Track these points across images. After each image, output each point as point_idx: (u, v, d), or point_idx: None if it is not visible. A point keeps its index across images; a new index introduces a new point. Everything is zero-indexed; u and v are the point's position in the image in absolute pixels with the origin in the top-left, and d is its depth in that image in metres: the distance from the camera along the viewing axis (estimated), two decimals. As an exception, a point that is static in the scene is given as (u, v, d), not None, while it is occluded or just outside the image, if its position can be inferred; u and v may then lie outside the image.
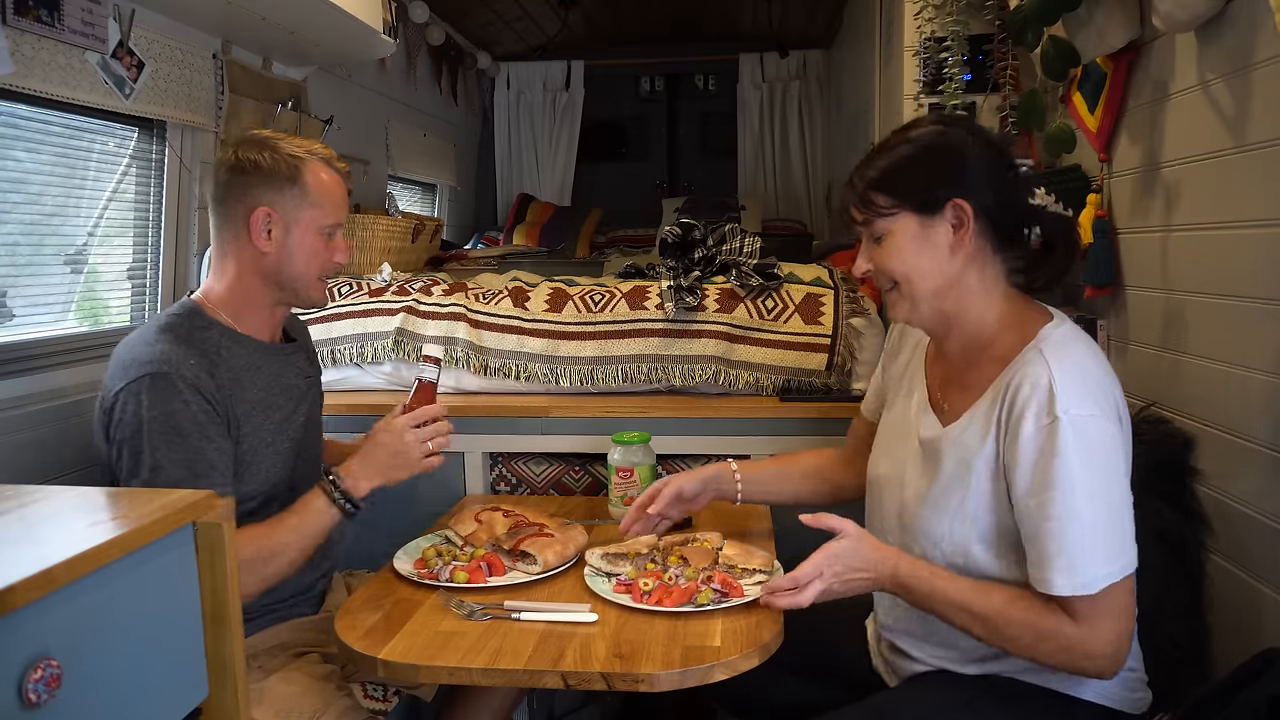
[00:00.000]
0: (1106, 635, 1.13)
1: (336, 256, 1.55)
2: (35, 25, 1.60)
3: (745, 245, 2.23)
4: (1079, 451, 1.12)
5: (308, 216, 1.49)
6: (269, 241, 1.48)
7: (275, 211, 1.47)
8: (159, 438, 1.35)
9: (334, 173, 1.53)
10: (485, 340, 2.14)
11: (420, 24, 3.98)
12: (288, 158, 1.48)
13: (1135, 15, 1.62)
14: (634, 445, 1.77)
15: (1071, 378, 1.15)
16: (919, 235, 1.23)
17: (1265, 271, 1.28)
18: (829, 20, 4.65)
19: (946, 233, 1.23)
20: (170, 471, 1.34)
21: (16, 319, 1.77)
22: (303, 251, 1.50)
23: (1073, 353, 1.19)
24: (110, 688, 0.89)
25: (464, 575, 1.45)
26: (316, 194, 1.49)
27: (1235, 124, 1.36)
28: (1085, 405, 1.13)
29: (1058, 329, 1.22)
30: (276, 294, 1.53)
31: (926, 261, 1.24)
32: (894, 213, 1.24)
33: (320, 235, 1.51)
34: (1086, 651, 1.13)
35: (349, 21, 2.19)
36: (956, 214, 1.22)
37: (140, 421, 1.35)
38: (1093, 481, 1.12)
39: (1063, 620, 1.13)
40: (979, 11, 2.12)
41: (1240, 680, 1.06)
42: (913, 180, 1.24)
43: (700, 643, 1.24)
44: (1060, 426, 1.12)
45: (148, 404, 1.36)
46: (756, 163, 5.44)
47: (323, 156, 1.52)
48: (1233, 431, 1.36)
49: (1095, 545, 1.12)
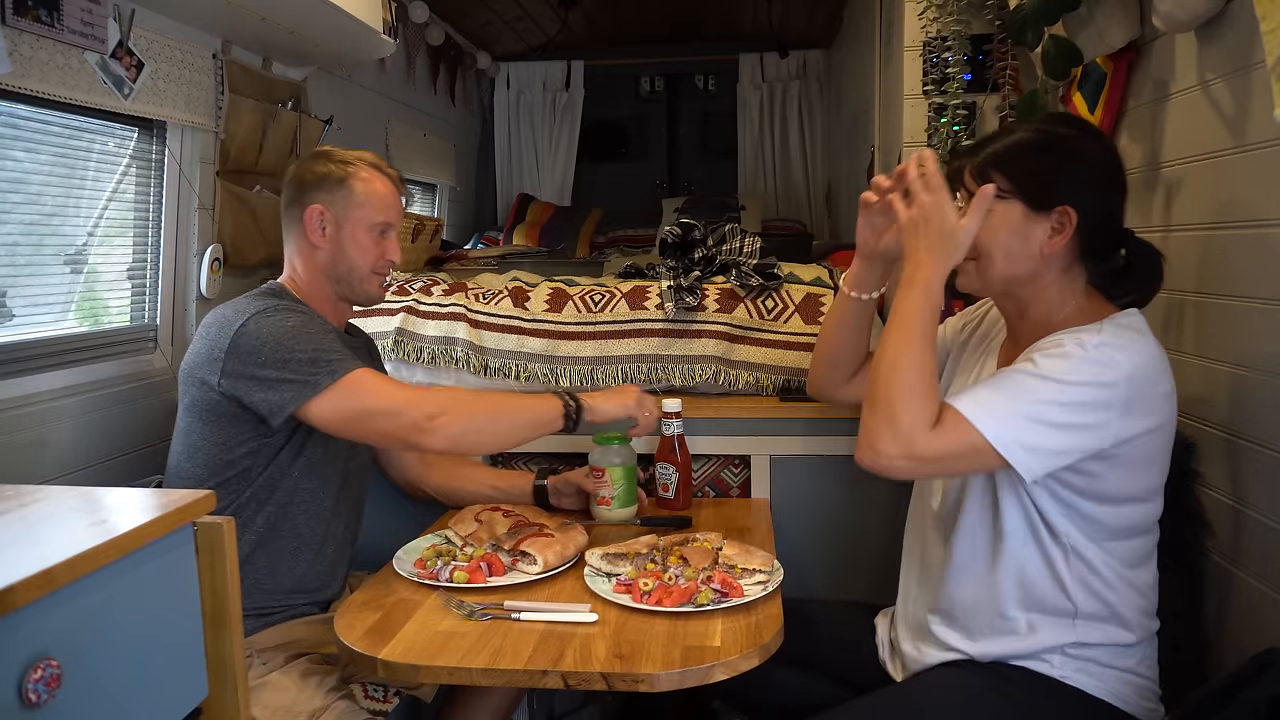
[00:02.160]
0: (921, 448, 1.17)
1: (389, 254, 1.67)
2: (35, 25, 1.59)
3: (745, 245, 2.23)
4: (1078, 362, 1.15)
5: (356, 214, 1.63)
6: (323, 238, 1.63)
7: (327, 210, 1.62)
8: (302, 337, 1.48)
9: (383, 177, 1.67)
10: (485, 340, 2.14)
11: (420, 24, 3.98)
12: (338, 164, 1.65)
13: (1135, 15, 1.62)
14: (608, 446, 1.77)
15: (1119, 336, 1.18)
16: (1019, 225, 1.26)
17: (1265, 271, 1.28)
18: (829, 20, 4.65)
19: (1045, 232, 1.25)
20: (324, 354, 1.47)
21: (16, 319, 1.77)
22: (354, 247, 1.63)
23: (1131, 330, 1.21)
24: (110, 688, 0.89)
25: (464, 575, 1.46)
26: (364, 194, 1.63)
27: (1235, 124, 1.36)
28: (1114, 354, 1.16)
29: (1131, 316, 1.24)
30: (335, 288, 1.66)
31: (1016, 250, 1.26)
32: (1006, 195, 1.26)
33: (370, 232, 1.64)
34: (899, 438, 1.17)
35: (349, 21, 2.19)
36: (1061, 219, 1.24)
37: (279, 335, 1.47)
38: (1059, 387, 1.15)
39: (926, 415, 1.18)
40: (979, 11, 2.12)
41: (1240, 680, 1.06)
42: (1035, 172, 1.26)
43: (700, 643, 1.24)
44: (1069, 341, 1.17)
45: (277, 321, 1.49)
46: (756, 163, 5.44)
47: (371, 162, 1.68)
48: (1233, 432, 1.36)
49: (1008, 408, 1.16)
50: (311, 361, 1.46)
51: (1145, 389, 1.19)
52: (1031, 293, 1.29)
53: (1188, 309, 1.50)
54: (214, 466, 1.53)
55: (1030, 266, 1.27)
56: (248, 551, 1.52)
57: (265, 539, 1.55)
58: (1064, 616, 1.24)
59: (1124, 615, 1.25)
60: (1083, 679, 1.24)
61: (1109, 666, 1.25)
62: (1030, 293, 1.29)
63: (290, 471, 1.56)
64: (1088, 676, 1.24)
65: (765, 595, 1.37)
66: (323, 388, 1.44)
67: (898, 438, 1.18)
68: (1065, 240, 1.25)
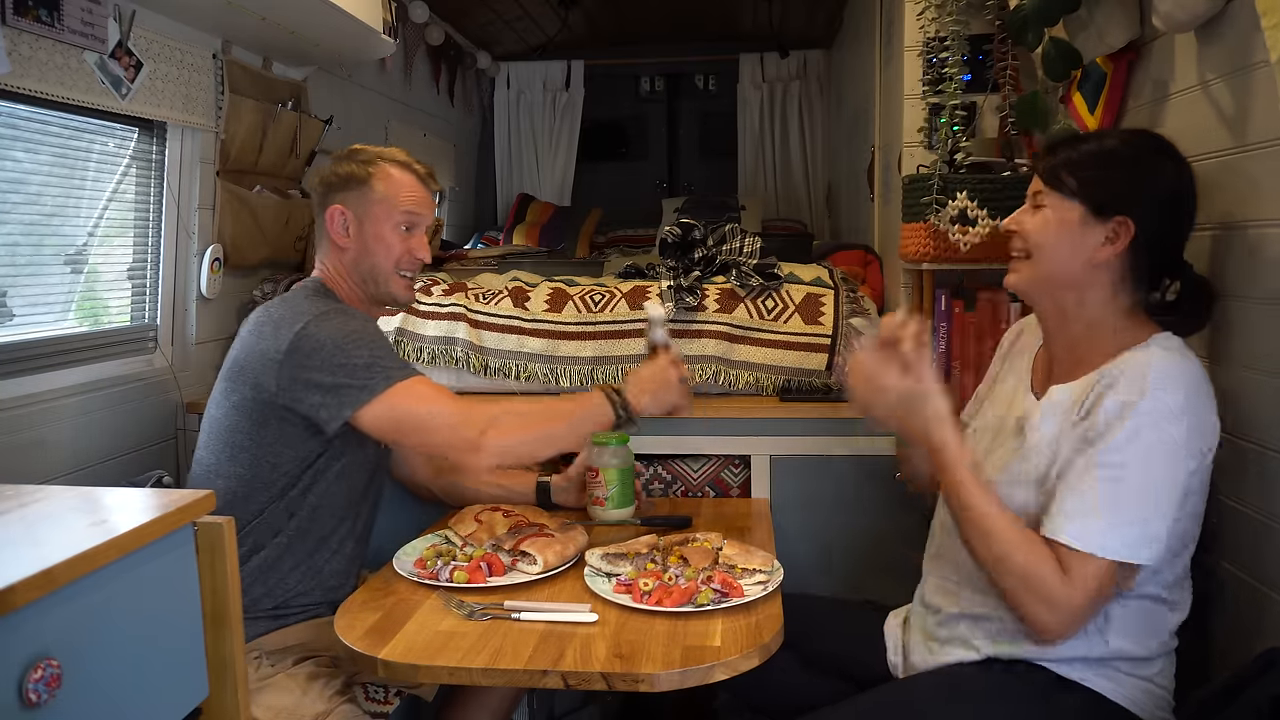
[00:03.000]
0: (1079, 602, 1.15)
1: (416, 252, 1.62)
2: (34, 25, 1.59)
3: (745, 245, 2.23)
4: (1152, 437, 1.14)
5: (377, 211, 1.59)
6: (347, 237, 1.60)
7: (348, 209, 1.59)
8: (360, 342, 1.47)
9: (408, 172, 1.62)
10: (485, 340, 2.14)
11: (420, 24, 3.98)
12: (361, 162, 1.61)
13: (1135, 15, 1.61)
14: (604, 446, 1.77)
15: (1171, 374, 1.17)
16: (1076, 227, 1.25)
17: (1265, 271, 1.28)
18: (829, 20, 4.65)
19: (1099, 240, 1.24)
20: (380, 359, 1.46)
21: (16, 319, 1.77)
22: (378, 244, 1.59)
23: (1178, 358, 1.20)
24: (110, 688, 0.89)
25: (464, 575, 1.45)
26: (385, 190, 1.59)
27: (1235, 124, 1.35)
28: (1174, 400, 1.15)
29: (1169, 340, 1.24)
30: (363, 289, 1.63)
31: (1066, 251, 1.25)
32: (1069, 197, 1.26)
33: (393, 229, 1.60)
34: (1055, 607, 1.15)
35: (349, 21, 2.19)
36: (1117, 229, 1.23)
37: (337, 338, 1.46)
38: (1147, 466, 1.14)
39: (1054, 569, 1.16)
40: (979, 11, 2.12)
41: (1243, 681, 1.06)
42: (1103, 178, 1.25)
43: (700, 643, 1.24)
44: (1141, 407, 1.15)
45: (337, 325, 1.48)
46: (756, 163, 5.43)
47: (395, 158, 1.63)
48: (1233, 432, 1.36)
49: (1117, 517, 1.14)
50: (368, 366, 1.44)
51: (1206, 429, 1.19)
52: (1075, 302, 1.28)
53: (1188, 309, 1.50)
54: (259, 467, 1.51)
55: (1076, 272, 1.26)
56: (278, 554, 1.52)
57: (294, 541, 1.54)
58: (1097, 634, 1.24)
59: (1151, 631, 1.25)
60: (1102, 683, 1.24)
61: (1129, 674, 1.25)
62: (1073, 301, 1.28)
63: (326, 474, 1.55)
64: (1107, 681, 1.24)
65: (765, 595, 1.37)
66: (378, 393, 1.43)
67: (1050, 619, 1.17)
68: (1117, 252, 1.23)
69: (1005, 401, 1.40)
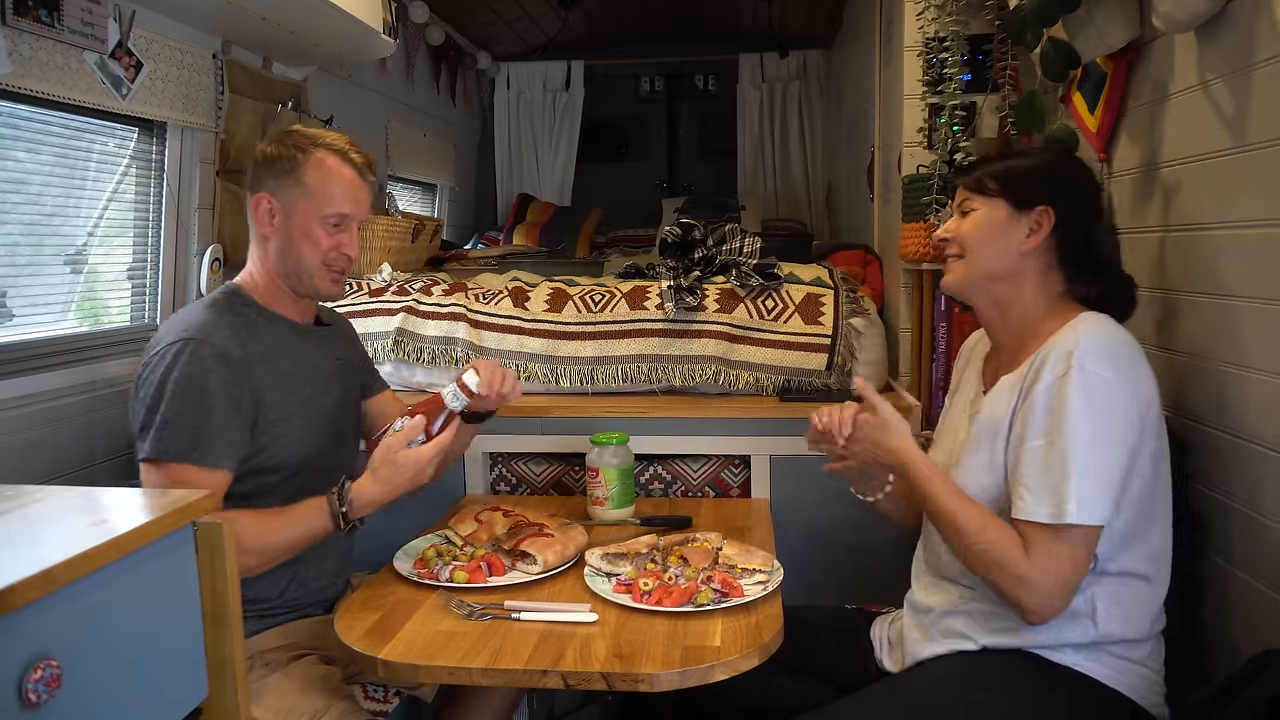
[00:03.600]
0: (1052, 576, 1.20)
1: (343, 247, 1.53)
2: (34, 25, 1.60)
3: (745, 245, 2.23)
4: (1087, 403, 1.20)
5: (305, 204, 1.50)
6: (271, 227, 1.52)
7: (276, 199, 1.51)
8: (177, 398, 1.39)
9: (344, 163, 1.52)
10: (485, 340, 2.14)
11: (420, 24, 3.98)
12: (291, 147, 1.51)
13: (1135, 15, 1.61)
14: (604, 446, 1.76)
15: (1096, 342, 1.24)
16: (1001, 223, 1.35)
17: (1264, 271, 1.28)
18: (829, 20, 4.65)
19: (1024, 231, 1.34)
20: (176, 430, 1.38)
21: (16, 319, 1.77)
22: (304, 239, 1.51)
23: (1105, 326, 1.27)
24: (110, 688, 0.89)
25: (464, 575, 1.46)
26: (315, 182, 1.50)
27: (1235, 124, 1.36)
28: (1103, 366, 1.22)
29: (1096, 315, 1.30)
30: (286, 283, 1.55)
31: (995, 245, 1.35)
32: (993, 196, 1.36)
33: (320, 224, 1.51)
34: (1028, 585, 1.20)
35: (349, 21, 2.19)
36: (1039, 218, 1.33)
37: (165, 382, 1.39)
38: (1095, 433, 1.20)
39: (1019, 551, 1.21)
40: (979, 11, 2.12)
41: (1239, 681, 1.06)
42: (1022, 178, 1.36)
43: (700, 643, 1.24)
44: (1072, 377, 1.21)
45: (174, 366, 1.40)
46: (756, 163, 5.43)
47: (331, 146, 1.52)
48: (1231, 432, 1.36)
49: (1077, 487, 1.19)
50: (161, 426, 1.37)
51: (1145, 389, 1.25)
52: (1010, 292, 1.36)
53: (1187, 309, 1.50)
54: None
55: (1009, 264, 1.35)
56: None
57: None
58: (1085, 618, 1.26)
59: (1139, 610, 1.27)
60: (1095, 667, 1.26)
61: (1121, 657, 1.27)
62: (1009, 292, 1.36)
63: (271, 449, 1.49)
64: (1099, 665, 1.26)
65: (765, 595, 1.37)
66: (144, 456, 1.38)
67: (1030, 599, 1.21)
68: (1042, 238, 1.33)
69: (964, 407, 1.45)
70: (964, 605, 1.35)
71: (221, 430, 1.40)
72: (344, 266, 1.56)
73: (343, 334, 1.74)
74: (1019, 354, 1.35)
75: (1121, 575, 1.26)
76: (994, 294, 1.37)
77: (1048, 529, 1.20)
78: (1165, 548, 1.30)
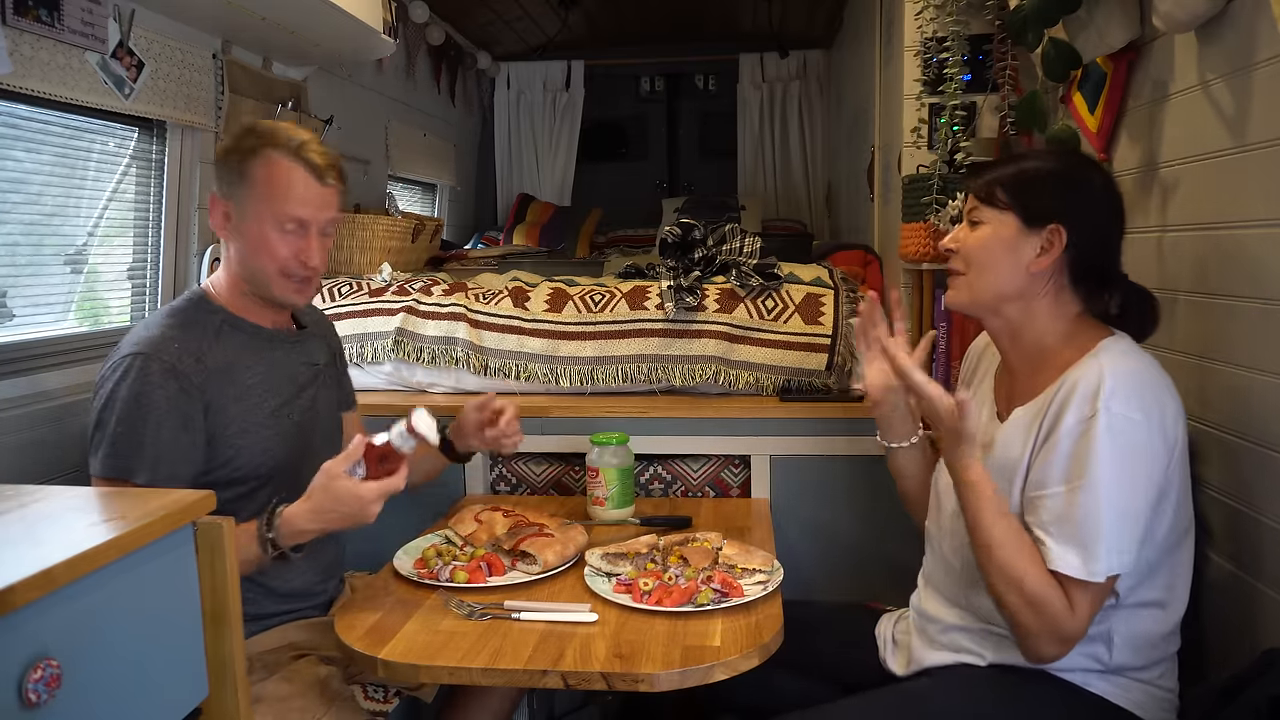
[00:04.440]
0: (1083, 622, 1.17)
1: (302, 254, 1.43)
2: (35, 25, 1.60)
3: (745, 245, 2.23)
4: (1113, 448, 1.15)
5: (256, 208, 1.42)
6: (227, 231, 1.46)
7: (229, 200, 1.44)
8: (124, 416, 1.35)
9: (297, 162, 1.41)
10: (485, 340, 2.14)
11: (420, 24, 3.98)
12: (242, 146, 1.42)
13: (1135, 15, 1.61)
14: (604, 446, 1.76)
15: (1122, 379, 1.18)
16: (1011, 239, 1.28)
17: (1265, 272, 1.28)
18: (829, 20, 4.65)
19: (1034, 250, 1.27)
20: (123, 447, 1.35)
21: (16, 319, 1.77)
22: (259, 244, 1.42)
23: (1130, 360, 1.22)
24: (110, 688, 0.89)
25: (464, 575, 1.46)
26: (266, 184, 1.40)
27: (1235, 124, 1.35)
28: (1130, 406, 1.16)
29: (1118, 342, 1.25)
30: (251, 287, 1.48)
31: (1003, 263, 1.29)
32: (1003, 210, 1.29)
33: (273, 228, 1.42)
34: (1062, 632, 1.17)
35: (349, 21, 2.19)
36: (1050, 237, 1.27)
37: (114, 399, 1.37)
38: (1120, 479, 1.16)
39: (1059, 596, 1.17)
40: (979, 11, 2.12)
41: (1242, 681, 1.06)
42: (1030, 191, 1.29)
43: (700, 643, 1.24)
44: (1099, 420, 1.16)
45: (122, 381, 1.37)
46: (756, 163, 5.43)
47: (285, 143, 1.41)
48: (1233, 432, 1.36)
49: (1110, 538, 1.15)
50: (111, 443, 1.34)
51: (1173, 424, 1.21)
52: (1021, 313, 1.31)
53: (1187, 309, 1.50)
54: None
55: (1018, 283, 1.29)
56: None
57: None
58: (1100, 644, 1.24)
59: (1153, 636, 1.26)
60: (1105, 686, 1.24)
61: (1134, 679, 1.25)
62: (1020, 314, 1.31)
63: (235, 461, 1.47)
64: (1113, 687, 1.24)
65: (765, 595, 1.37)
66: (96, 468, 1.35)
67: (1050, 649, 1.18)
68: (1052, 259, 1.27)
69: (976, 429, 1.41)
70: (972, 624, 1.34)
71: (170, 448, 1.36)
72: (306, 275, 1.46)
73: (320, 335, 1.68)
74: (1035, 380, 1.30)
75: (1139, 605, 1.24)
76: (1005, 315, 1.32)
77: (1087, 584, 1.16)
78: (1186, 572, 1.28)
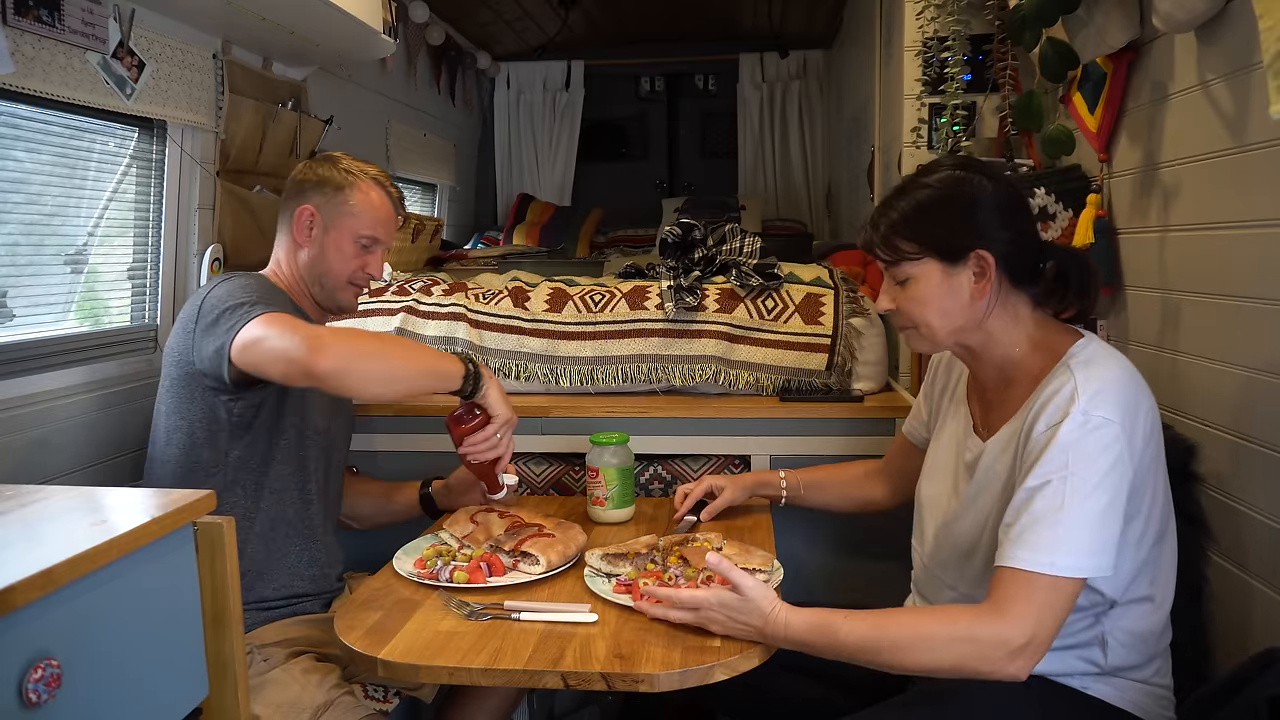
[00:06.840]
0: (1025, 622, 1.11)
1: (369, 268, 1.68)
2: (35, 25, 1.59)
3: (745, 245, 2.23)
4: (1083, 447, 1.14)
5: (346, 223, 1.65)
6: (309, 238, 1.66)
7: (319, 212, 1.65)
8: (248, 290, 1.50)
9: (383, 193, 1.69)
10: (485, 340, 2.14)
11: (420, 24, 3.98)
12: (342, 171, 1.67)
13: (1135, 15, 1.61)
14: (603, 446, 1.76)
15: (1094, 385, 1.17)
16: (942, 282, 1.27)
17: (1266, 272, 1.28)
18: (829, 20, 4.65)
19: (969, 280, 1.27)
20: (266, 305, 1.46)
21: (16, 319, 1.77)
22: (336, 253, 1.65)
23: (1101, 366, 1.21)
24: (110, 688, 0.90)
25: (464, 575, 1.46)
26: (359, 205, 1.66)
27: (1235, 124, 1.36)
28: (1103, 409, 1.15)
29: (1087, 347, 1.24)
30: (310, 290, 1.68)
31: (950, 306, 1.28)
32: (919, 258, 1.27)
33: (354, 242, 1.66)
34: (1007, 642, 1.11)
35: (349, 21, 2.19)
36: (979, 263, 1.26)
37: (233, 287, 1.50)
38: (1088, 480, 1.14)
39: (972, 616, 1.14)
40: (979, 11, 2.12)
41: (1241, 680, 1.06)
42: (935, 227, 1.27)
43: (700, 643, 1.24)
44: (1070, 422, 1.15)
45: (242, 282, 1.53)
46: (756, 163, 5.43)
47: (375, 177, 1.70)
48: (1234, 433, 1.36)
49: (1069, 537, 1.13)
50: (249, 304, 1.45)
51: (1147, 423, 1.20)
52: (981, 338, 1.30)
53: (1188, 309, 1.50)
54: (189, 447, 1.53)
55: (968, 316, 1.28)
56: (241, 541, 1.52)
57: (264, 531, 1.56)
58: (1095, 647, 1.24)
59: (1146, 632, 1.26)
60: (1103, 689, 1.24)
61: (1130, 680, 1.25)
62: (980, 338, 1.30)
63: (273, 456, 1.58)
64: (1107, 687, 1.24)
65: (765, 595, 1.36)
66: (244, 325, 1.43)
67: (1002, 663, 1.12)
68: (990, 282, 1.26)
69: (954, 444, 1.41)
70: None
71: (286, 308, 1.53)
72: (364, 285, 1.71)
73: None
74: (1008, 394, 1.30)
75: (1129, 603, 1.24)
76: (966, 344, 1.32)
77: (1034, 577, 1.12)
78: (1170, 565, 1.28)
